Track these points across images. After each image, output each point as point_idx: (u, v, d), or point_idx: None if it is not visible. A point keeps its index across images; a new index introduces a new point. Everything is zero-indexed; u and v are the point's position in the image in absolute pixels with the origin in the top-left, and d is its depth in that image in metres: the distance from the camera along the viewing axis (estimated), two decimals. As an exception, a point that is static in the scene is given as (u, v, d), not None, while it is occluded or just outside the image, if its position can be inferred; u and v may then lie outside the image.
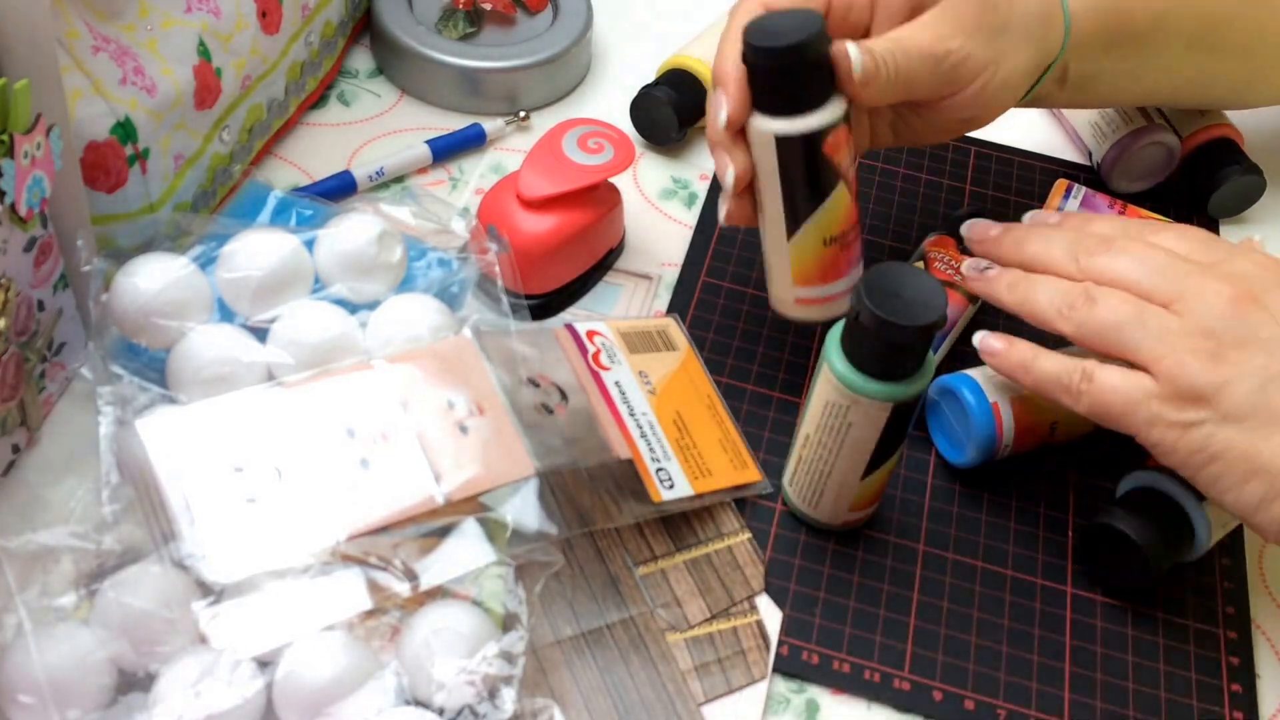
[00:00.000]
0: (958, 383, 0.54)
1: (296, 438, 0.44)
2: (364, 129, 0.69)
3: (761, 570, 0.51)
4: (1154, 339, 0.46)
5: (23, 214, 0.44)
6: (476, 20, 0.71)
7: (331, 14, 0.68)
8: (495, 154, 0.68)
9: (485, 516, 0.44)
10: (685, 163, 0.70)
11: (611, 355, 0.54)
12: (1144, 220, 0.50)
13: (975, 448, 0.53)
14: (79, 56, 0.50)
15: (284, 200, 0.56)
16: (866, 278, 0.45)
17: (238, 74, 0.58)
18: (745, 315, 0.61)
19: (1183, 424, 0.45)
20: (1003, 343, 0.50)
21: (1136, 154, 0.69)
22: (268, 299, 0.48)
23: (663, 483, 0.50)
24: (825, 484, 0.50)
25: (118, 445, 0.43)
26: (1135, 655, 0.50)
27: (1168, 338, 0.46)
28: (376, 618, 0.42)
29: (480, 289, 0.56)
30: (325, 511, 0.43)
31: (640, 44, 0.76)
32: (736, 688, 0.47)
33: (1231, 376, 0.45)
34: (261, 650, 0.40)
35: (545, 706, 0.44)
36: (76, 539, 0.41)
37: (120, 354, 0.47)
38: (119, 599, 0.40)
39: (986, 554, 0.53)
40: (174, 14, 0.55)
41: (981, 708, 0.48)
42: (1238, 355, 0.45)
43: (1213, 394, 0.45)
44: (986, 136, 0.74)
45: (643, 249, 0.64)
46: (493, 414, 0.47)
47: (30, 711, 0.39)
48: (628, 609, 0.49)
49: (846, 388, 0.46)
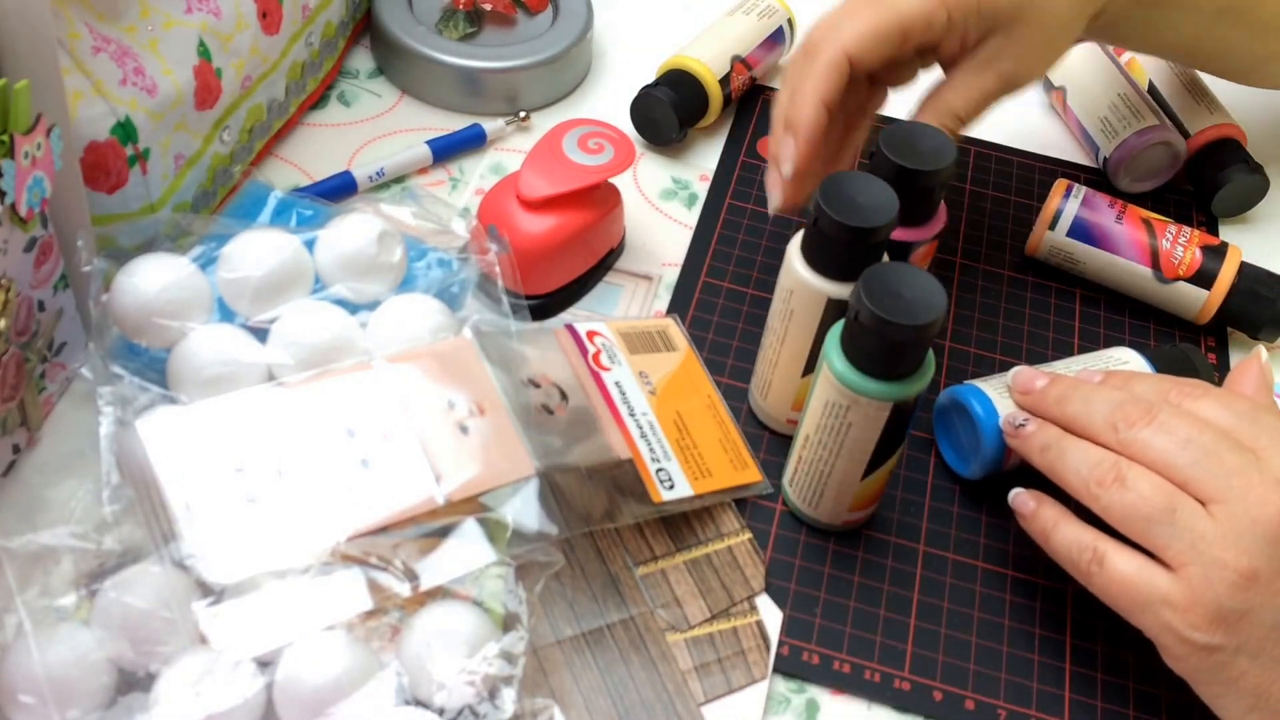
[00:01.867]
0: (968, 395, 0.54)
1: (297, 438, 0.44)
2: (364, 129, 0.69)
3: (762, 570, 0.51)
4: (1184, 543, 0.42)
5: (23, 214, 0.44)
6: (477, 20, 0.71)
7: (332, 14, 0.68)
8: (495, 154, 0.68)
9: (485, 517, 0.44)
10: (685, 163, 0.70)
11: (612, 355, 0.54)
12: (1185, 382, 0.47)
13: (981, 464, 0.53)
14: (79, 57, 0.50)
15: (284, 200, 0.56)
16: (866, 277, 0.45)
17: (238, 74, 0.58)
18: (745, 315, 0.61)
19: (1197, 645, 0.42)
20: (1032, 503, 0.48)
21: (1142, 154, 0.69)
22: (268, 299, 0.48)
23: (663, 483, 0.50)
24: (825, 484, 0.50)
25: (118, 445, 0.43)
26: (1136, 654, 0.50)
27: (1199, 544, 0.42)
28: (377, 618, 0.42)
29: (480, 289, 0.56)
30: (325, 512, 0.43)
31: (640, 44, 0.76)
32: (737, 688, 0.47)
33: (1257, 605, 0.41)
34: (262, 650, 0.40)
35: (545, 706, 0.44)
36: (77, 539, 0.41)
37: (120, 354, 0.47)
38: (119, 599, 0.40)
39: (987, 554, 0.53)
40: (174, 14, 0.55)
41: (982, 708, 0.48)
42: (1271, 581, 0.42)
43: (1235, 620, 0.42)
44: (987, 136, 0.74)
45: (643, 249, 0.64)
46: (493, 414, 0.47)
47: (30, 711, 0.39)
48: (628, 609, 0.49)
49: (846, 388, 0.46)
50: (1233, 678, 0.42)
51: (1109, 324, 0.64)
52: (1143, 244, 0.62)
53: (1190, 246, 0.62)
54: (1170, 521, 0.43)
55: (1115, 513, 0.44)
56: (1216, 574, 0.42)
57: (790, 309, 0.51)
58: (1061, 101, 0.74)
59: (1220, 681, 0.43)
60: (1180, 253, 0.62)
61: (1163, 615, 0.43)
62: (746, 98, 0.74)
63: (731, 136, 0.71)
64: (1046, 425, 0.48)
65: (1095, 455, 0.45)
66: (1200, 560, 0.42)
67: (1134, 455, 0.45)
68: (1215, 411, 0.45)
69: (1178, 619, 0.42)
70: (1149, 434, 0.45)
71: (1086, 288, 0.65)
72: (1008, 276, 0.66)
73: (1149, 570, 0.43)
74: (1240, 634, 0.42)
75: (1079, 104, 0.72)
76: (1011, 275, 0.66)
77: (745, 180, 0.68)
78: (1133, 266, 0.63)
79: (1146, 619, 0.43)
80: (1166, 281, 0.62)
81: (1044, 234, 0.64)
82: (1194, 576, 0.42)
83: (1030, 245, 0.65)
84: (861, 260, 0.47)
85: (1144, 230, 0.63)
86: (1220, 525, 0.42)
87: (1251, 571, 0.41)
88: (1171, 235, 0.62)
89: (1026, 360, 0.61)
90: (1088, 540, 0.45)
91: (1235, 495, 0.42)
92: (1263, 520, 0.42)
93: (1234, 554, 0.41)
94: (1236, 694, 0.43)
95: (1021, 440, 0.49)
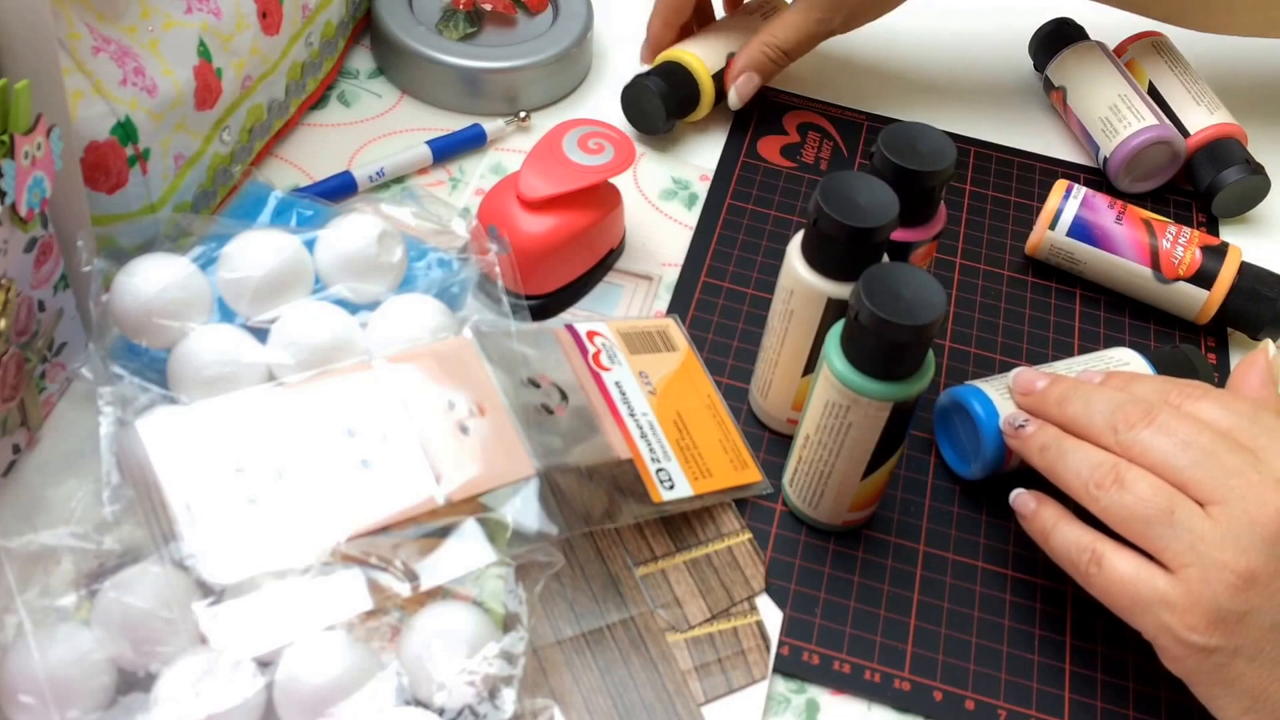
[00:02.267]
0: (969, 396, 0.54)
1: (297, 438, 0.44)
2: (364, 129, 0.69)
3: (762, 570, 0.51)
4: (1183, 544, 0.42)
5: (23, 214, 0.44)
6: (477, 21, 0.71)
7: (332, 14, 0.68)
8: (495, 154, 0.68)
9: (485, 517, 0.44)
10: (685, 163, 0.70)
11: (612, 356, 0.54)
12: (1185, 384, 0.47)
13: (982, 464, 0.53)
14: (80, 57, 0.50)
15: (284, 201, 0.56)
16: (866, 278, 0.45)
17: (238, 74, 0.58)
18: (745, 315, 0.61)
19: (1195, 646, 0.42)
20: (1033, 504, 0.48)
21: (1143, 154, 0.69)
22: (268, 299, 0.48)
23: (663, 483, 0.50)
24: (825, 484, 0.50)
25: (118, 445, 0.43)
26: (1135, 655, 0.50)
27: (1198, 545, 0.42)
28: (377, 618, 0.42)
29: (480, 289, 0.56)
30: (326, 512, 0.43)
31: (640, 44, 0.76)
32: (737, 688, 0.47)
33: (1256, 606, 0.41)
34: (262, 650, 0.40)
35: (545, 707, 0.44)
36: (77, 539, 0.41)
37: (121, 354, 0.47)
38: (119, 599, 0.40)
39: (987, 554, 0.53)
40: (174, 15, 0.55)
41: (982, 708, 0.48)
42: (1270, 582, 0.41)
43: (1234, 622, 0.41)
44: (987, 136, 0.74)
45: (643, 249, 0.64)
46: (493, 414, 0.47)
47: (31, 711, 0.39)
48: (628, 609, 0.49)
49: (846, 388, 0.46)
50: (1230, 679, 0.42)
51: (1109, 324, 0.64)
52: (1143, 244, 0.62)
53: (1190, 246, 0.62)
54: (1169, 523, 0.42)
55: (1114, 514, 0.44)
56: (1215, 575, 0.41)
57: (790, 309, 0.51)
58: (1061, 101, 0.74)
59: (1218, 683, 0.43)
60: (1180, 253, 0.62)
61: (1161, 616, 0.42)
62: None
63: (732, 136, 0.71)
64: (1046, 426, 0.48)
65: (1095, 456, 0.45)
66: (1199, 561, 0.42)
67: (1133, 457, 0.44)
68: (1215, 413, 0.45)
69: (1176, 620, 0.42)
70: (1148, 435, 0.44)
71: (1086, 288, 0.65)
72: (1008, 276, 0.66)
73: (1147, 571, 0.43)
74: (1238, 636, 0.42)
75: (1079, 104, 0.72)
76: (1011, 275, 0.66)
77: (745, 180, 0.68)
78: (1133, 266, 0.63)
79: (1145, 620, 0.43)
80: (1166, 281, 0.62)
81: (1044, 234, 0.64)
82: (1192, 578, 0.42)
83: (1030, 245, 0.65)
84: (861, 260, 0.47)
85: (1144, 230, 0.63)
86: (1219, 526, 0.42)
87: (1250, 573, 0.41)
88: (1171, 235, 0.62)
89: (1026, 360, 0.61)
90: (1086, 541, 0.45)
91: (1234, 496, 0.42)
92: (1262, 521, 0.42)
93: (1233, 555, 0.41)
94: (1234, 695, 0.43)
95: (1021, 441, 0.49)
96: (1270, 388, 0.48)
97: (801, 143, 0.71)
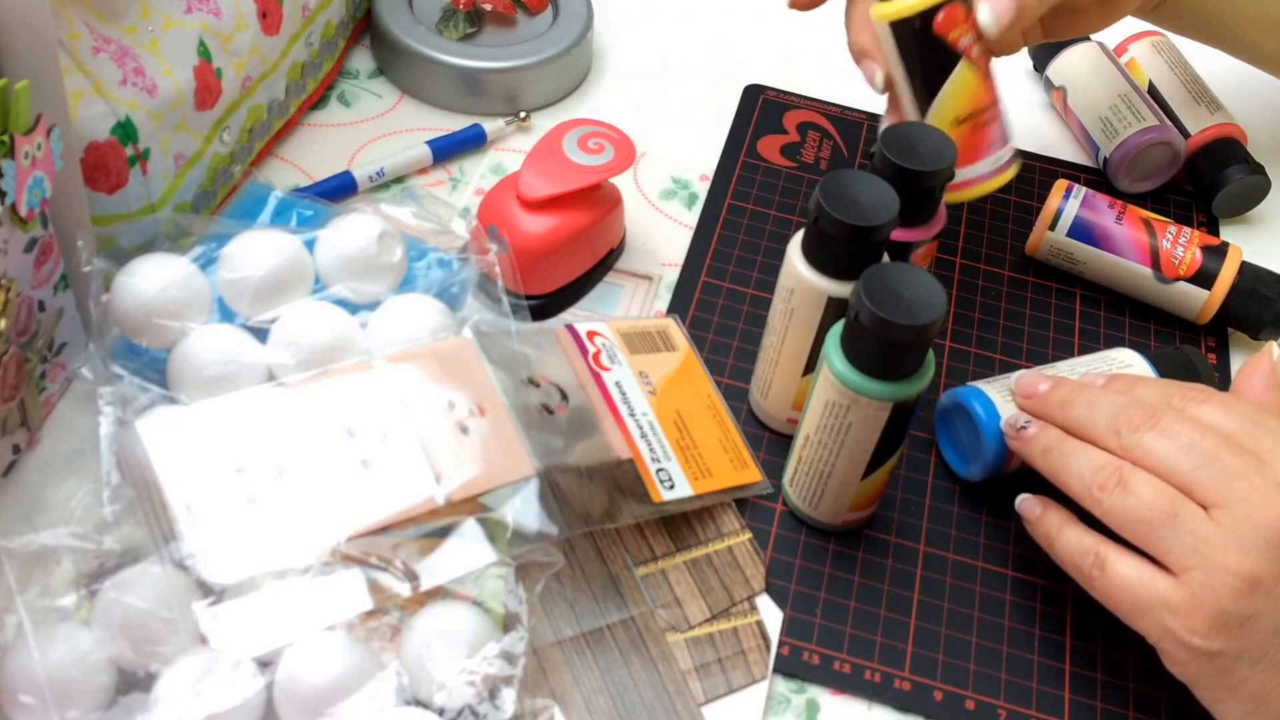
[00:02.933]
0: (970, 397, 0.54)
1: (297, 438, 0.44)
2: (364, 129, 0.69)
3: (762, 570, 0.51)
4: (1186, 547, 0.42)
5: (23, 214, 0.44)
6: (477, 20, 0.71)
7: (332, 14, 0.68)
8: (495, 154, 0.68)
9: (485, 517, 0.44)
10: (685, 163, 0.70)
11: (612, 356, 0.54)
12: (1188, 387, 0.47)
13: (982, 466, 0.53)
14: (80, 57, 0.50)
15: (284, 201, 0.56)
16: (866, 278, 0.45)
17: (238, 74, 0.58)
18: (745, 315, 0.61)
19: (1198, 650, 0.42)
20: (1039, 509, 0.48)
21: (1143, 154, 0.69)
22: (268, 299, 0.48)
23: (663, 483, 0.50)
24: (825, 484, 0.50)
25: (118, 445, 0.43)
26: (1136, 655, 0.50)
27: (1201, 548, 0.42)
28: (377, 618, 0.42)
29: (480, 289, 0.56)
30: (326, 512, 0.43)
31: (640, 44, 0.76)
32: (737, 688, 0.47)
33: (1259, 610, 0.41)
34: (262, 650, 0.40)
35: (545, 707, 0.44)
36: (77, 539, 0.41)
37: (121, 354, 0.47)
38: (119, 599, 0.40)
39: (987, 554, 0.53)
40: (174, 15, 0.55)
41: (982, 708, 0.48)
42: (1273, 586, 0.41)
43: (1237, 626, 0.41)
44: (987, 136, 0.74)
45: (643, 249, 0.64)
46: (493, 414, 0.47)
47: (31, 711, 0.39)
48: (628, 609, 0.49)
49: (846, 387, 0.46)
50: (1233, 683, 0.42)
51: (1109, 324, 0.64)
52: (1143, 244, 0.62)
53: (1190, 246, 0.62)
54: (1172, 526, 0.42)
55: (1117, 517, 0.44)
56: (1218, 579, 0.41)
57: (790, 308, 0.51)
58: (1061, 101, 0.74)
59: (1221, 687, 0.43)
60: (1180, 253, 0.62)
61: (1164, 620, 0.42)
62: (744, 98, 0.74)
63: (732, 136, 0.71)
64: (1048, 428, 0.48)
65: (1097, 459, 0.45)
66: (1202, 565, 0.41)
67: (1136, 460, 0.44)
68: (1218, 416, 0.45)
69: (1178, 624, 0.42)
70: (1151, 438, 0.44)
71: (1086, 288, 0.65)
72: (1008, 276, 0.66)
73: (1150, 575, 0.43)
74: (1241, 639, 0.41)
75: (1079, 104, 0.72)
76: (1011, 275, 0.66)
77: (745, 180, 0.68)
78: (1133, 266, 0.63)
79: (1147, 623, 0.43)
80: (1167, 281, 0.62)
81: (1044, 234, 0.64)
82: (1195, 581, 0.42)
83: (1030, 245, 0.65)
84: (862, 259, 0.47)
85: (1144, 230, 0.63)
86: (1222, 530, 0.42)
87: (1254, 576, 0.41)
88: (1172, 235, 0.62)
89: (1026, 360, 0.61)
90: (1089, 545, 0.45)
91: (1237, 499, 0.42)
92: (1265, 524, 0.41)
93: (1236, 558, 0.41)
94: (1237, 699, 0.42)
95: (1023, 443, 0.49)
96: (1274, 391, 0.48)
97: (801, 142, 0.71)
